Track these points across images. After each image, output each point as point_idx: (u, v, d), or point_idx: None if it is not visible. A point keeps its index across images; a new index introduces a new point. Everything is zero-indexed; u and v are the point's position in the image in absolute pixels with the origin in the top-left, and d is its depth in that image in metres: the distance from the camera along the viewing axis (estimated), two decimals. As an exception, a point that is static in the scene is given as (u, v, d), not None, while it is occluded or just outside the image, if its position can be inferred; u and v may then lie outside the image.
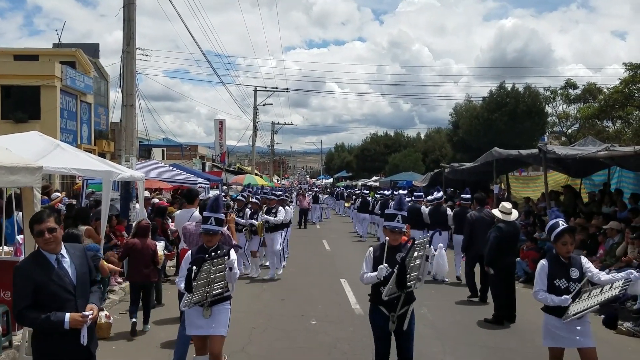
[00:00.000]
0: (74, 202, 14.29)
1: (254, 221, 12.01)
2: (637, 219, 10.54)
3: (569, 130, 31.95)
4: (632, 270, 4.67)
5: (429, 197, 13.42)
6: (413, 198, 13.74)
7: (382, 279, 4.75)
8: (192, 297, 4.79)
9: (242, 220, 11.92)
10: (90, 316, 3.67)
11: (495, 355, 6.81)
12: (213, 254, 4.84)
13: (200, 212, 6.21)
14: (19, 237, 7.14)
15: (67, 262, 3.79)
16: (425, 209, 12.79)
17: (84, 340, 3.68)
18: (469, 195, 11.86)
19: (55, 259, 3.74)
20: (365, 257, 5.12)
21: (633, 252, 9.36)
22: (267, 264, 12.37)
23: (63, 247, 3.83)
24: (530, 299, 9.67)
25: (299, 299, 9.99)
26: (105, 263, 7.24)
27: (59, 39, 32.14)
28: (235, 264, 5.04)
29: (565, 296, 4.67)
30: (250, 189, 17.75)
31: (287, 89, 42.09)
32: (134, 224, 10.38)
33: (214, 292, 4.92)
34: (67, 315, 3.60)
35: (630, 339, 7.66)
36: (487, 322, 8.31)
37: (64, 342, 3.66)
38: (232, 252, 5.13)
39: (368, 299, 5.13)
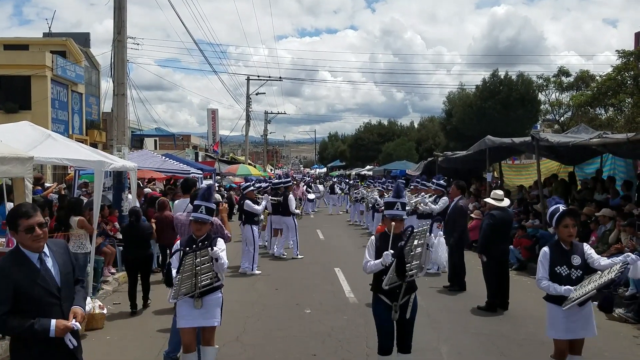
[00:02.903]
0: (64, 192, 14.19)
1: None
2: (628, 205, 10.61)
3: (562, 118, 31.99)
4: (630, 253, 4.61)
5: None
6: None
7: (387, 265, 4.73)
8: (180, 289, 4.73)
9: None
10: (76, 325, 3.35)
11: (488, 342, 6.85)
12: (195, 246, 4.75)
13: (191, 203, 6.15)
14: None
15: (50, 261, 3.41)
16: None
17: (71, 344, 3.35)
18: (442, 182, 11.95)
19: (37, 258, 3.35)
20: (367, 245, 5.12)
21: (626, 240, 9.41)
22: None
23: (46, 244, 3.45)
24: (523, 286, 9.78)
25: (293, 288, 10.00)
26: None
27: (49, 28, 31.81)
28: (222, 254, 4.92)
29: (567, 287, 4.63)
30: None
31: (280, 77, 41.94)
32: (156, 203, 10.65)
33: (203, 283, 4.86)
34: (53, 322, 3.25)
35: (622, 325, 7.73)
36: (481, 309, 8.36)
37: (47, 350, 3.32)
38: (220, 241, 5.05)
39: (369, 288, 5.12)
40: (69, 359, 3.43)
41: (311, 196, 27.18)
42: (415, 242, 4.75)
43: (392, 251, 4.75)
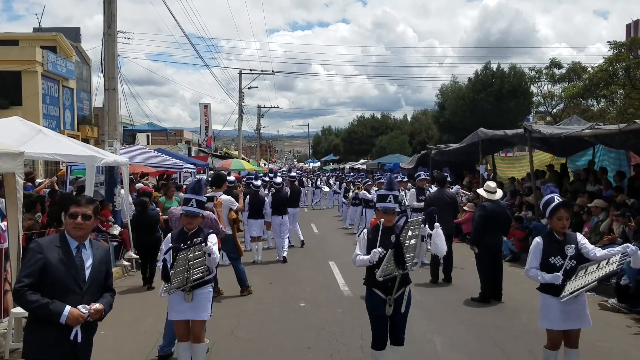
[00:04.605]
0: (57, 187, 14.11)
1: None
2: (620, 196, 10.66)
3: (554, 110, 32.07)
4: (629, 244, 4.55)
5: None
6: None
7: (374, 262, 4.71)
8: (172, 283, 4.75)
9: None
10: (87, 313, 3.41)
11: (482, 333, 6.87)
12: (189, 242, 4.75)
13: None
14: (2, 224, 7.04)
15: (87, 254, 3.57)
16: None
17: (73, 334, 3.41)
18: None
19: (76, 246, 3.54)
20: (359, 239, 5.08)
21: (618, 229, 9.46)
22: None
23: (89, 240, 3.64)
24: (516, 278, 9.81)
25: (288, 282, 10.00)
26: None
27: (39, 23, 31.52)
28: (215, 249, 4.94)
29: (556, 273, 4.58)
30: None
31: (273, 71, 41.76)
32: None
33: (194, 277, 4.88)
34: (67, 308, 3.34)
35: (615, 314, 7.78)
36: (474, 300, 8.39)
37: (59, 337, 3.41)
38: (212, 236, 5.06)
39: (363, 282, 5.09)
40: (71, 353, 3.47)
41: (325, 189, 27.19)
42: (410, 232, 4.72)
43: (380, 249, 4.71)
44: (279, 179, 13.20)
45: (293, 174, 16.40)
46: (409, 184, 13.58)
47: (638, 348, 6.46)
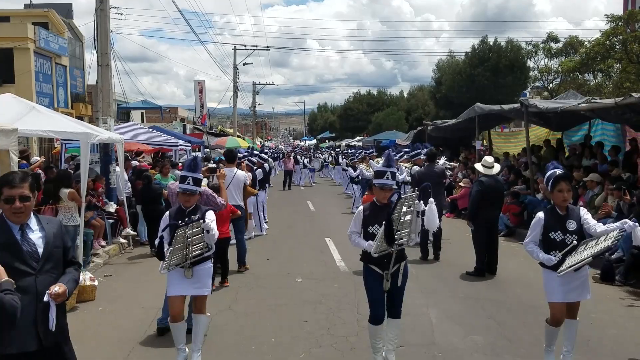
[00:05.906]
0: (53, 167, 14.05)
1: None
2: (615, 170, 10.69)
3: (551, 85, 31.95)
4: (627, 220, 4.54)
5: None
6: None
7: (370, 250, 4.69)
8: (171, 260, 4.75)
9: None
10: (49, 299, 3.12)
11: (477, 306, 6.94)
12: (187, 219, 4.76)
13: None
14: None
15: (34, 233, 3.26)
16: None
17: (51, 318, 3.12)
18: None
19: (18, 229, 3.21)
20: (354, 216, 5.07)
21: (613, 203, 9.51)
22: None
23: (33, 218, 3.31)
24: (511, 252, 9.90)
25: (285, 258, 10.05)
26: None
27: (30, -1, 31.05)
28: (213, 225, 4.92)
29: (550, 256, 4.63)
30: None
31: (268, 47, 41.41)
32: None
33: (194, 254, 4.89)
34: None
35: (609, 287, 7.86)
36: (469, 274, 8.46)
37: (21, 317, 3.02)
38: (210, 213, 5.06)
39: (359, 258, 5.08)
40: (36, 334, 3.19)
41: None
42: (404, 208, 4.70)
43: (378, 243, 4.66)
44: (264, 155, 14.07)
45: (266, 151, 17.50)
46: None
47: (630, 319, 6.55)
